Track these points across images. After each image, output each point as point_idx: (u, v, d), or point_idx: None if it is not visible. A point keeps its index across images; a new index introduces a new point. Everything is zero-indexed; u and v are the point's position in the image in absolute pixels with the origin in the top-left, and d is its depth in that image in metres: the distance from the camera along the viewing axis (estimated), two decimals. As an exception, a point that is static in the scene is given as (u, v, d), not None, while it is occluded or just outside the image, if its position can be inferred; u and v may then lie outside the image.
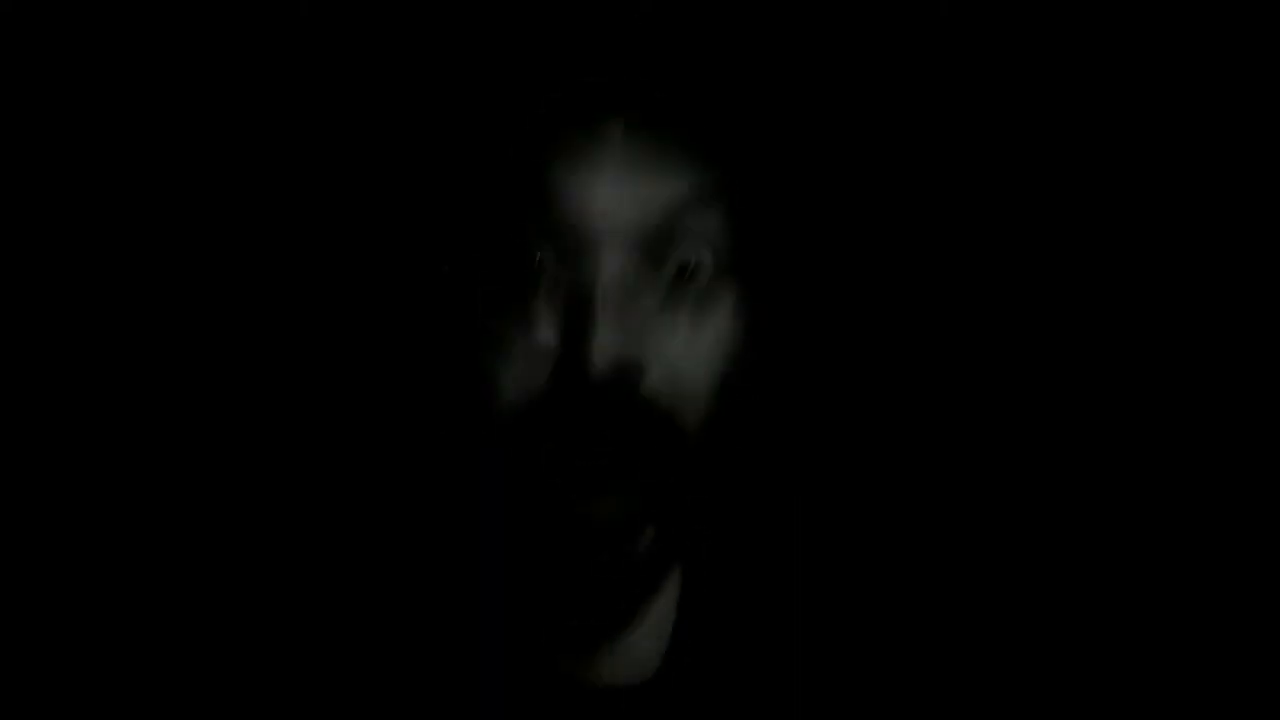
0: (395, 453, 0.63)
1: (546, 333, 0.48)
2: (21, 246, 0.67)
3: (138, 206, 0.69)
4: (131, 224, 0.69)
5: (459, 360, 0.51)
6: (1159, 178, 0.71)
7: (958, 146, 0.70)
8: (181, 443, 0.67)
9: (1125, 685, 0.66)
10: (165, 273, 0.68)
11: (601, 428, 0.47)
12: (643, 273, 0.49)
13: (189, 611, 0.57)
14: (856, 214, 0.68)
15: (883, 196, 0.69)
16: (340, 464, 0.65)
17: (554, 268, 0.48)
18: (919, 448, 0.70)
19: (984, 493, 0.71)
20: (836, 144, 0.66)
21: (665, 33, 0.51)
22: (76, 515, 0.65)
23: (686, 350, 0.49)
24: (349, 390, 0.67)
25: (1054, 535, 0.71)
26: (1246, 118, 0.69)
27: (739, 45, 0.53)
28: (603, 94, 0.49)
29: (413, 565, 0.57)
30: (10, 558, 0.63)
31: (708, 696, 0.56)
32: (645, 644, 0.56)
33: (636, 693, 0.55)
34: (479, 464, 0.51)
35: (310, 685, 0.52)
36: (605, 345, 0.46)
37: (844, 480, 0.69)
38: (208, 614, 0.57)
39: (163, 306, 0.68)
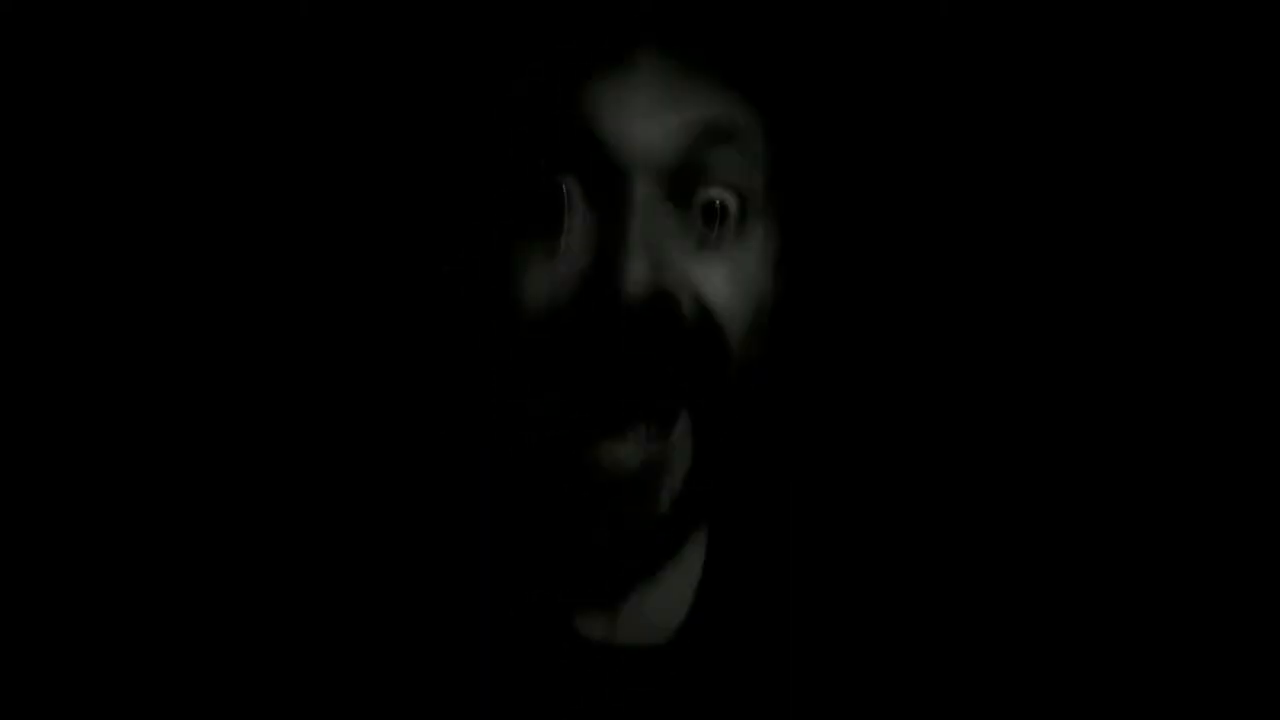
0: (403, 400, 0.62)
1: (572, 262, 0.48)
2: (21, 246, 0.67)
3: (146, 204, 0.69)
4: (139, 221, 0.69)
5: (481, 286, 0.50)
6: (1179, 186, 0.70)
7: (995, 102, 0.69)
8: (190, 396, 0.67)
9: (1119, 681, 0.66)
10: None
11: (635, 356, 0.46)
12: (670, 209, 0.48)
13: (185, 580, 0.56)
14: (883, 162, 0.67)
15: (909, 147, 0.68)
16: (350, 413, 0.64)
17: (580, 197, 0.48)
18: (945, 402, 0.69)
19: (1018, 438, 0.69)
20: (864, 90, 0.64)
21: None
22: (76, 515, 0.65)
23: (716, 290, 0.49)
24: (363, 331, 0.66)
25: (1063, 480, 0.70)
26: (1246, 118, 0.69)
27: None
28: (635, 20, 0.49)
29: (423, 520, 0.55)
30: (10, 558, 0.63)
31: (728, 660, 0.54)
32: (666, 605, 0.54)
33: (655, 655, 0.53)
34: (492, 411, 0.50)
35: (316, 637, 0.51)
36: (640, 274, 0.46)
37: (875, 440, 0.67)
38: (212, 584, 0.55)
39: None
